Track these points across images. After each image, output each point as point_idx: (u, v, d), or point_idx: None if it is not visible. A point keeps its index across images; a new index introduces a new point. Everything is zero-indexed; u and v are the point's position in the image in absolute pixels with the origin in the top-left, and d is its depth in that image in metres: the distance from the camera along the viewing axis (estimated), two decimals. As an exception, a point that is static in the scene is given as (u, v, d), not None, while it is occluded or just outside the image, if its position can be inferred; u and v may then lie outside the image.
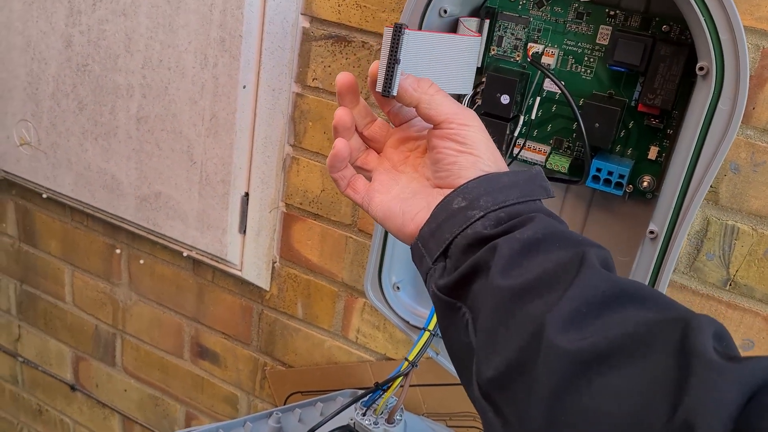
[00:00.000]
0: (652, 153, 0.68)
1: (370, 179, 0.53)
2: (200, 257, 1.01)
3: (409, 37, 0.50)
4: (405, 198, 0.49)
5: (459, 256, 0.43)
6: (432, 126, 0.49)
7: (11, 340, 1.40)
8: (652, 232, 0.65)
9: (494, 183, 0.45)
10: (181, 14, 0.88)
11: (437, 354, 0.79)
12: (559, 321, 0.37)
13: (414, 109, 0.49)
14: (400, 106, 0.51)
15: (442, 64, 0.55)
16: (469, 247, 0.43)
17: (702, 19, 0.57)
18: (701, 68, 0.58)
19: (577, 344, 0.35)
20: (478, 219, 0.43)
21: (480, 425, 0.93)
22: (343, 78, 0.51)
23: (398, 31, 0.49)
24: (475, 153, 0.47)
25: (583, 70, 0.69)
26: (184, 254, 1.02)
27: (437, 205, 0.46)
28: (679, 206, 0.64)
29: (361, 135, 0.53)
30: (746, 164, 0.67)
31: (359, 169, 0.53)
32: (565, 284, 0.39)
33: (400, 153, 0.52)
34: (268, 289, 1.02)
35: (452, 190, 0.46)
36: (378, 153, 0.53)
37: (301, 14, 0.86)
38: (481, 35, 0.58)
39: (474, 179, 0.45)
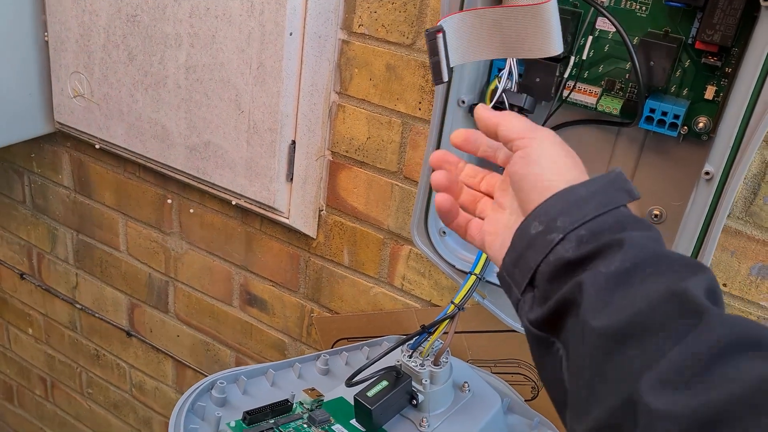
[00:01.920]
0: (709, 93, 0.66)
1: None
2: (248, 206, 1.03)
3: (450, 27, 0.55)
4: (505, 231, 0.49)
5: (546, 286, 0.42)
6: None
7: (69, 287, 1.46)
8: (707, 173, 0.63)
9: (569, 198, 0.43)
10: (228, -39, 0.88)
11: (483, 298, 0.79)
12: (657, 381, 0.33)
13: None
14: (491, 146, 0.53)
15: (507, 34, 0.57)
16: (554, 274, 0.42)
17: (767, -54, 0.54)
18: (765, -1, 0.56)
19: (678, 410, 0.32)
20: (558, 243, 0.42)
21: (524, 372, 0.93)
22: (434, 157, 0.55)
23: (429, 35, 0.55)
24: (536, 170, 0.45)
25: (637, 7, 0.66)
26: (233, 203, 1.04)
27: (515, 233, 0.45)
28: (737, 147, 0.63)
29: (479, 191, 0.55)
30: (809, 104, 0.65)
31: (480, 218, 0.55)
32: (665, 331, 0.35)
33: (505, 191, 0.52)
34: (314, 237, 1.04)
35: (527, 215, 0.45)
36: None
37: (347, -42, 0.85)
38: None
39: (548, 199, 0.43)
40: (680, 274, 0.37)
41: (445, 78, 0.55)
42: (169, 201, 1.18)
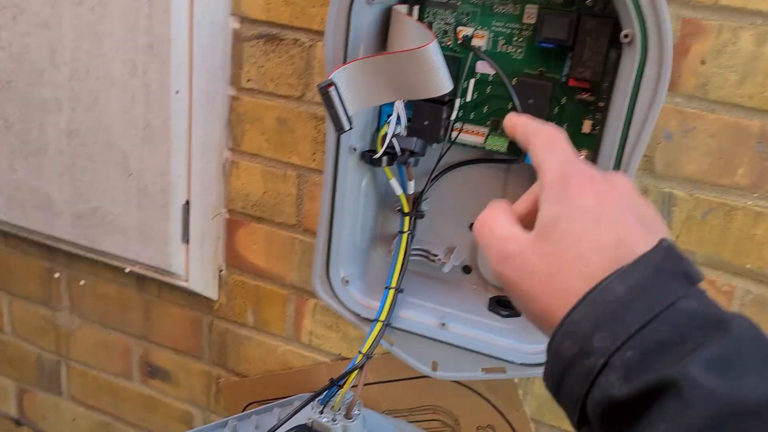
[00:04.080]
0: (586, 126, 0.69)
1: None
2: (144, 272, 0.98)
3: (341, 79, 0.57)
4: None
5: (601, 430, 0.32)
6: None
7: (-52, 379, 1.33)
8: (591, 202, 0.66)
9: (603, 303, 0.32)
10: (106, 22, 0.86)
11: (391, 345, 0.78)
12: None
13: None
14: None
15: (398, 79, 0.60)
16: (605, 418, 0.31)
17: (622, -12, 0.58)
18: (626, 35, 0.59)
19: None
20: (599, 372, 0.31)
21: (441, 417, 0.92)
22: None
23: (322, 90, 0.56)
24: (557, 262, 0.34)
25: (513, 50, 0.69)
26: (127, 270, 0.99)
27: (548, 348, 0.34)
28: (616, 176, 0.66)
29: None
30: (678, 131, 0.69)
31: None
32: None
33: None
34: (216, 299, 1.00)
35: (553, 330, 0.34)
36: None
37: (231, 15, 0.85)
38: (435, 38, 0.60)
39: (575, 306, 0.33)
40: None
41: (346, 127, 0.57)
42: (57, 275, 1.11)
